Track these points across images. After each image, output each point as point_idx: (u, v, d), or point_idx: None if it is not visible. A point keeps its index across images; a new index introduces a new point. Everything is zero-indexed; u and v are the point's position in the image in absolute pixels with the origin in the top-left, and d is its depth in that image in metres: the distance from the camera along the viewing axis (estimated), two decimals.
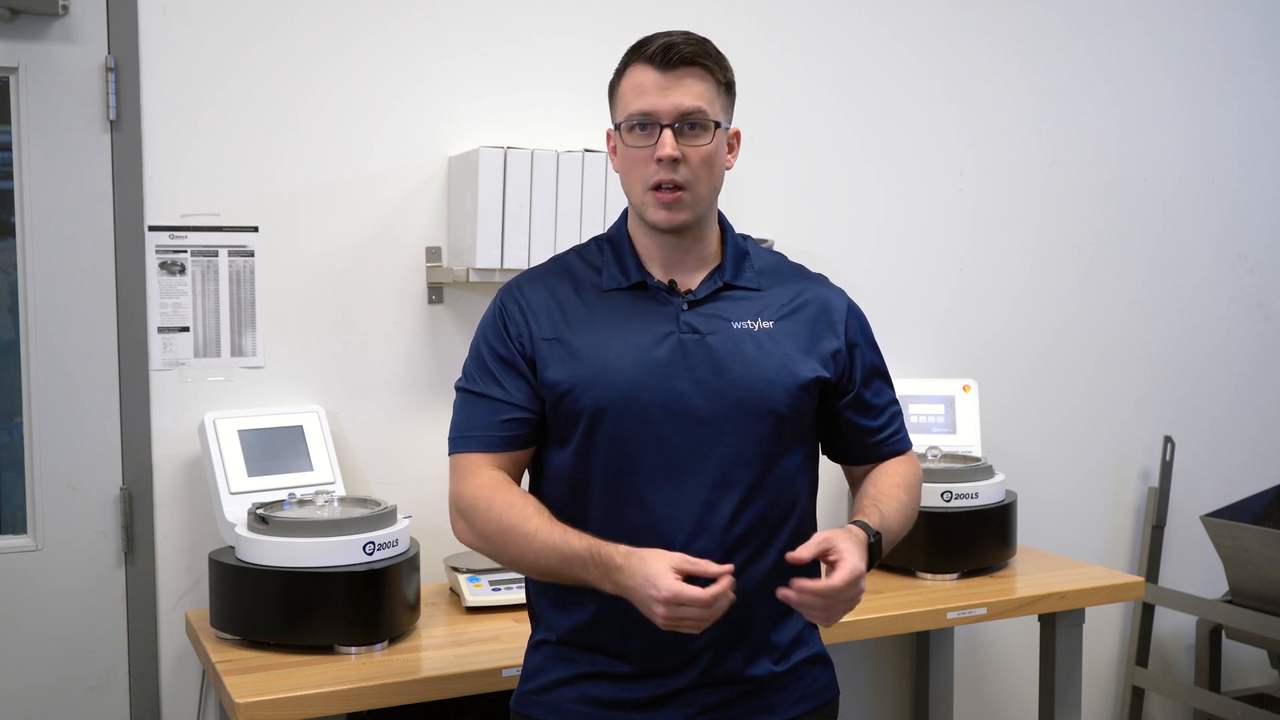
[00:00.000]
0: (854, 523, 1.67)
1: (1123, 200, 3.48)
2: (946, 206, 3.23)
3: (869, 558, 1.62)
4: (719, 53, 1.69)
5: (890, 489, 1.77)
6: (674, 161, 1.63)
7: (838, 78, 3.07)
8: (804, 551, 1.56)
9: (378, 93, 2.60)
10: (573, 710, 1.70)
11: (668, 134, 1.63)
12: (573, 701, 1.70)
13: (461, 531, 1.70)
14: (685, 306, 1.70)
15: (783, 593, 1.56)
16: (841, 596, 1.55)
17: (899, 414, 1.85)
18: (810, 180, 3.05)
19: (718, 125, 1.67)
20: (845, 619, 2.35)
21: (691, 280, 1.73)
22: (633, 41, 1.72)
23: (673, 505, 1.63)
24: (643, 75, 1.65)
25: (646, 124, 1.65)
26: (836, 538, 1.58)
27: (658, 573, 1.50)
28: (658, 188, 1.65)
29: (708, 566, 1.52)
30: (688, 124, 1.64)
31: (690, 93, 1.64)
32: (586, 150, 2.58)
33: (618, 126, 1.69)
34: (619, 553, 1.55)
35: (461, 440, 1.71)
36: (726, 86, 1.70)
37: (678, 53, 1.63)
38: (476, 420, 1.70)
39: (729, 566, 1.53)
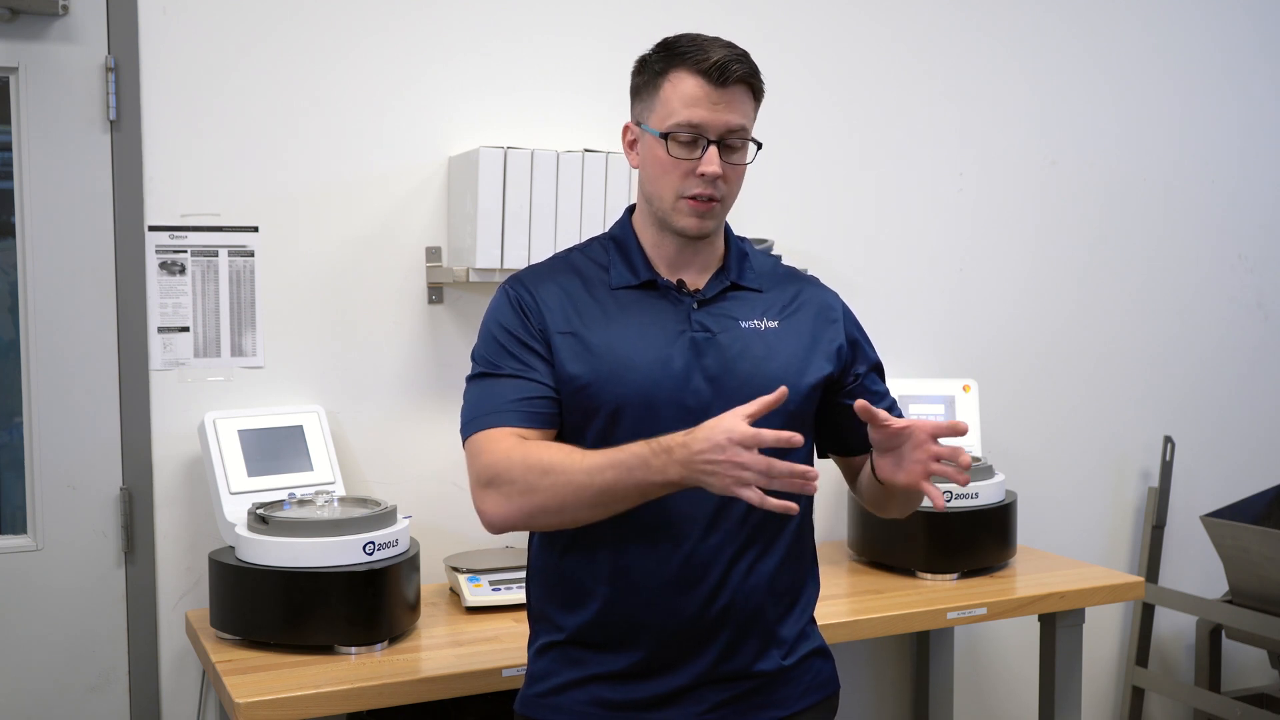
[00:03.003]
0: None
1: (1123, 200, 3.48)
2: (946, 206, 3.23)
3: None
4: (758, 68, 1.70)
5: None
6: (716, 178, 1.65)
7: (838, 78, 3.07)
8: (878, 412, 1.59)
9: (378, 93, 2.60)
10: (582, 712, 1.70)
11: (714, 150, 1.64)
12: (583, 704, 1.70)
13: (494, 504, 1.60)
14: (695, 305, 1.71)
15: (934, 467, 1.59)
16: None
17: (895, 405, 1.87)
18: (810, 180, 3.05)
19: (759, 146, 1.70)
20: (846, 619, 2.38)
21: (697, 280, 1.74)
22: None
23: (688, 502, 1.64)
24: (695, 87, 1.64)
25: (693, 137, 1.65)
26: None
27: (731, 421, 1.47)
28: (693, 198, 1.66)
29: (766, 399, 1.50)
30: (729, 141, 1.66)
31: (739, 111, 1.66)
32: (586, 150, 2.58)
33: (664, 135, 1.66)
34: (679, 433, 1.51)
35: (483, 419, 1.65)
36: (760, 102, 1.72)
37: (733, 73, 1.64)
38: (500, 399, 1.65)
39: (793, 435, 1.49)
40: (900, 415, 1.85)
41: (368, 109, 2.60)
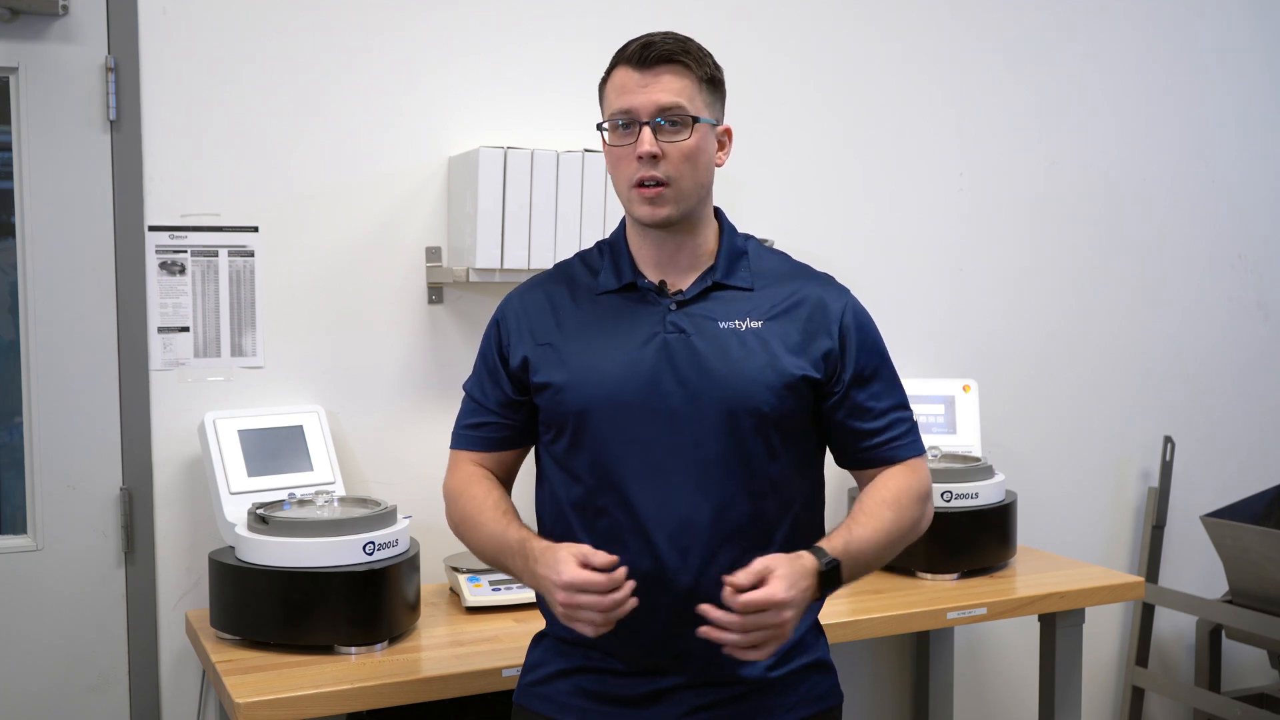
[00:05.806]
0: (813, 548, 1.61)
1: (1122, 200, 3.48)
2: (946, 206, 3.23)
3: (820, 585, 1.57)
4: (700, 49, 1.69)
5: (875, 506, 1.69)
6: (653, 158, 1.64)
7: (837, 78, 3.07)
8: (740, 577, 1.51)
9: (378, 93, 2.60)
10: (566, 703, 1.72)
11: (646, 131, 1.64)
12: (566, 694, 1.72)
13: (447, 518, 1.80)
14: (673, 306, 1.70)
15: (702, 631, 1.53)
16: (753, 623, 1.49)
17: (903, 420, 1.75)
18: (809, 181, 3.05)
19: (696, 120, 1.66)
20: (846, 619, 2.38)
21: (684, 280, 1.73)
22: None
23: (657, 505, 1.63)
24: (623, 75, 1.67)
25: (627, 122, 1.66)
26: (777, 563, 1.53)
27: (561, 559, 1.55)
28: (641, 184, 1.66)
29: (604, 557, 1.54)
30: (667, 120, 1.65)
31: (667, 89, 1.65)
32: (586, 150, 2.58)
33: (599, 127, 1.70)
34: (540, 545, 1.62)
35: (454, 436, 1.83)
36: (710, 83, 1.69)
37: (654, 50, 1.65)
38: (462, 419, 1.82)
39: (614, 559, 1.54)
40: (903, 430, 1.75)
41: (368, 109, 2.59)
